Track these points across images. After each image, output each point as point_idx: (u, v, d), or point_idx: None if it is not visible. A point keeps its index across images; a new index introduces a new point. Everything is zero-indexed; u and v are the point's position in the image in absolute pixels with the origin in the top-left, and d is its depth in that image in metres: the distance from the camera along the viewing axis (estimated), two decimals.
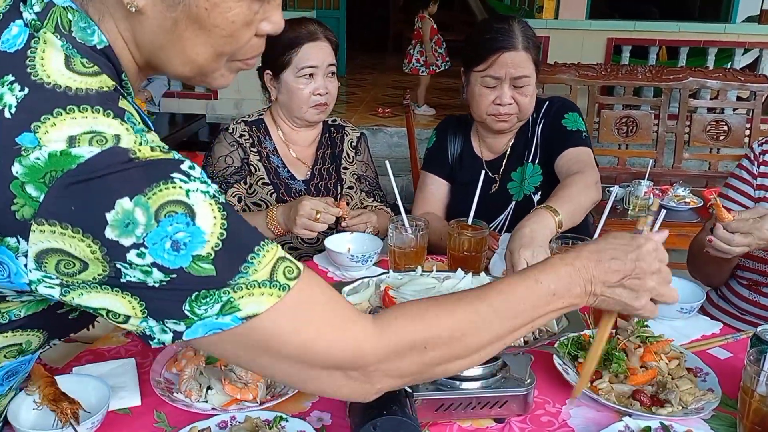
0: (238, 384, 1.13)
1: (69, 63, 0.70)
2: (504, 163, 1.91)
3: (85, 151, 0.64)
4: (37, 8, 0.71)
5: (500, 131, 1.87)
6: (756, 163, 1.73)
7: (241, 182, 1.83)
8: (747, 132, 3.77)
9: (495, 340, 0.84)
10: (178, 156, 0.70)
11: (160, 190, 0.65)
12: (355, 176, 1.99)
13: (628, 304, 0.89)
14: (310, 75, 1.82)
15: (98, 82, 0.70)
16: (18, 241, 0.65)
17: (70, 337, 0.97)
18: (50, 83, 0.67)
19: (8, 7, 0.73)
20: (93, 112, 0.67)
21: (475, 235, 1.57)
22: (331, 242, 1.67)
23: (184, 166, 0.69)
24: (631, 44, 5.28)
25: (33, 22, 0.71)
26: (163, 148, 0.69)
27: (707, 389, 1.17)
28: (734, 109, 4.31)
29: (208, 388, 1.14)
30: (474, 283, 1.18)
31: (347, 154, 1.99)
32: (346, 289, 1.19)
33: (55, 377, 1.10)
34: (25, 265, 0.67)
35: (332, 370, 0.76)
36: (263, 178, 1.86)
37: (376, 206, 1.98)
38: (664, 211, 1.41)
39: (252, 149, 1.87)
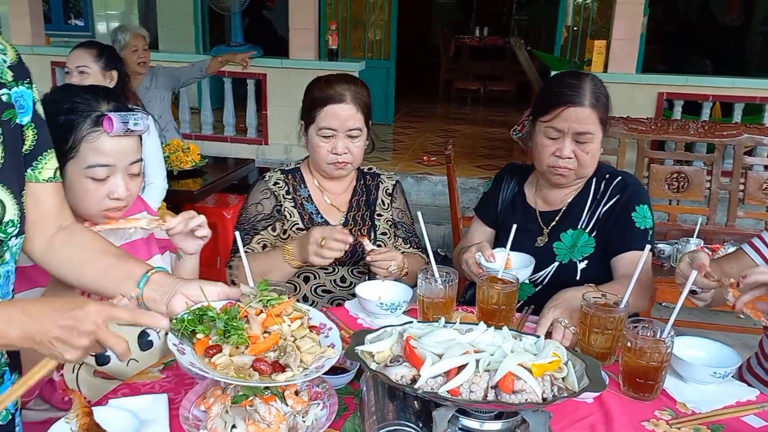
0: (261, 424, 1.15)
1: None
2: (557, 219, 1.91)
3: None
4: None
5: (557, 185, 1.89)
6: None
7: (269, 228, 1.91)
8: None
9: None
10: None
11: None
12: (389, 222, 2.04)
13: (55, 352, 0.98)
14: (330, 135, 1.88)
15: None
16: None
17: (106, 374, 1.04)
18: None
19: None
20: None
21: (505, 288, 1.58)
22: (361, 289, 1.70)
23: None
24: (683, 99, 5.22)
25: None
26: None
27: (329, 345, 1.16)
28: None
29: (233, 426, 1.17)
30: (496, 336, 1.19)
31: (382, 201, 2.04)
32: (370, 336, 1.22)
33: (93, 408, 1.16)
34: None
35: None
36: (297, 224, 1.93)
37: (412, 252, 2.01)
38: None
39: (287, 196, 1.95)
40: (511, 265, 1.75)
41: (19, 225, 1.14)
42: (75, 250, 1.25)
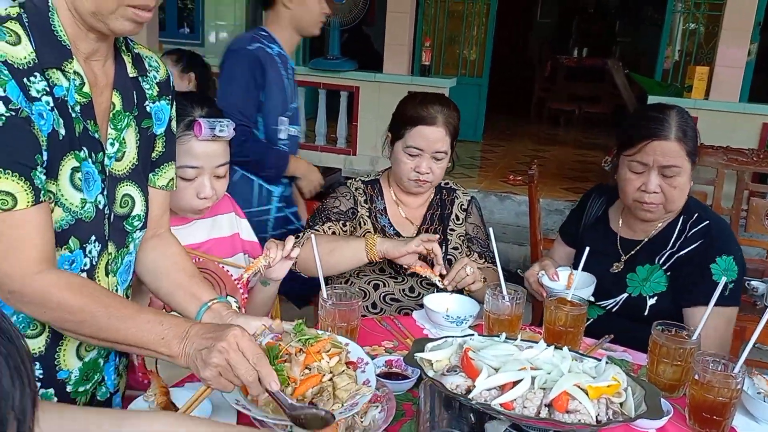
0: None
1: None
2: (636, 249, 1.86)
3: None
4: None
5: (644, 219, 1.83)
6: None
7: (339, 222, 1.97)
8: None
9: (100, 340, 1.10)
10: None
11: None
12: (462, 237, 2.06)
13: (198, 371, 1.05)
14: (416, 155, 1.93)
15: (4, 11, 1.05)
16: None
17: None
18: None
19: None
20: None
21: (573, 310, 1.56)
22: (430, 300, 1.73)
23: None
24: None
25: None
26: None
27: (364, 381, 1.16)
28: None
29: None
30: (555, 355, 1.19)
31: (456, 216, 2.07)
32: (430, 345, 1.26)
33: (170, 389, 1.25)
34: None
35: None
36: (369, 231, 1.99)
37: (486, 267, 2.02)
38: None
39: (364, 204, 2.03)
40: (573, 284, 1.73)
41: (143, 220, 1.29)
42: (160, 258, 1.37)
